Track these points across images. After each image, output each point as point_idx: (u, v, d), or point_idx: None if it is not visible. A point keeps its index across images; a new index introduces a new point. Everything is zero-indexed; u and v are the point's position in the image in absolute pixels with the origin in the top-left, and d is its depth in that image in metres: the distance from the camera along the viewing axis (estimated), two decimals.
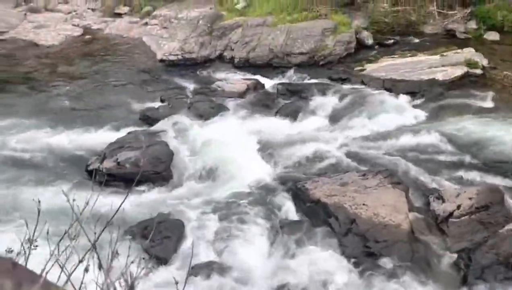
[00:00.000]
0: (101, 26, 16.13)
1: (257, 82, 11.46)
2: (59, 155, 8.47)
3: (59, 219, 3.22)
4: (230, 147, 8.40)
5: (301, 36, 12.53)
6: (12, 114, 10.03)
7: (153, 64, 13.31)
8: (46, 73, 12.57)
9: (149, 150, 8.24)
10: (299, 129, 9.25)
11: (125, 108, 10.69)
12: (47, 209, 6.24)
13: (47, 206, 6.40)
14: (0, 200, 5.52)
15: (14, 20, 16.23)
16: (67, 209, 2.32)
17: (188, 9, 15.19)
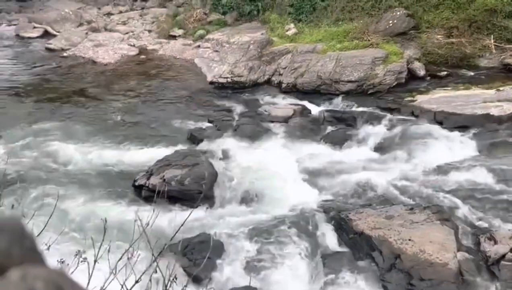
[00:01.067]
0: (156, 47, 16.76)
1: (303, 107, 11.47)
2: (109, 169, 8.78)
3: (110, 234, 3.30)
4: (274, 171, 8.40)
5: (351, 64, 12.48)
6: (68, 127, 10.54)
7: (203, 86, 13.63)
8: (101, 89, 13.15)
9: (194, 170, 8.37)
10: (345, 158, 9.13)
11: (174, 126, 10.96)
12: (97, 224, 6.45)
13: (97, 221, 6.62)
14: (49, 212, 5.72)
15: (76, 39, 17.19)
16: (118, 224, 2.38)
17: (240, 34, 15.54)
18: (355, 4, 15.05)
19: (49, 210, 3.23)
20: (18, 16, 20.56)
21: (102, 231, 2.28)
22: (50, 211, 2.84)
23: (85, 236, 1.88)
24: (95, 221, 6.14)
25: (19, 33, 18.38)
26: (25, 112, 11.43)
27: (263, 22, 16.48)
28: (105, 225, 2.01)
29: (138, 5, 21.85)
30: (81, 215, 6.87)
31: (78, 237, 5.78)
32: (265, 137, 9.91)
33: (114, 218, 6.03)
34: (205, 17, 17.98)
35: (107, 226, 2.02)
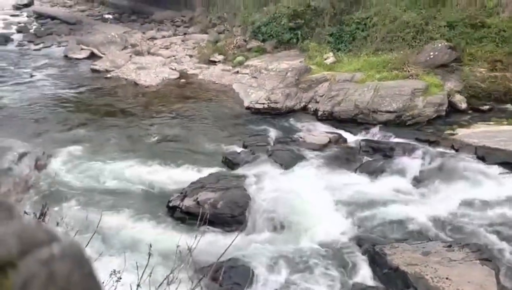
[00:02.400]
0: (196, 72, 17.16)
1: (339, 136, 11.37)
2: (145, 188, 8.93)
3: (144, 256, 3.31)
4: (307, 199, 8.30)
5: (390, 95, 12.34)
6: (107, 145, 10.86)
7: (239, 111, 13.78)
8: (141, 110, 13.52)
9: (227, 193, 8.41)
10: (381, 189, 8.92)
11: (209, 149, 11.08)
12: (132, 244, 6.53)
13: (133, 241, 6.71)
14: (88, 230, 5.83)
15: (120, 61, 17.85)
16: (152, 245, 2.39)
17: (279, 62, 15.71)
18: (396, 35, 14.98)
19: (88, 228, 3.30)
20: (67, 38, 21.60)
21: (138, 252, 2.30)
22: (88, 229, 2.90)
23: (121, 256, 1.90)
24: (130, 241, 6.24)
25: (68, 54, 19.27)
26: (68, 130, 11.86)
27: (302, 50, 16.63)
28: (150, 250, 2.03)
29: (180, 31, 22.55)
30: (117, 235, 6.98)
31: (113, 258, 5.85)
32: (300, 164, 9.84)
33: (148, 239, 6.08)
34: (245, 44, 18.33)
35: (151, 251, 2.03)
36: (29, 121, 12.30)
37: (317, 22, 17.07)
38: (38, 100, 14.00)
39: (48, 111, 13.19)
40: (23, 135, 11.28)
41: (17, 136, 11.11)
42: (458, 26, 14.29)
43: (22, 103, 13.62)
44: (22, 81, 15.72)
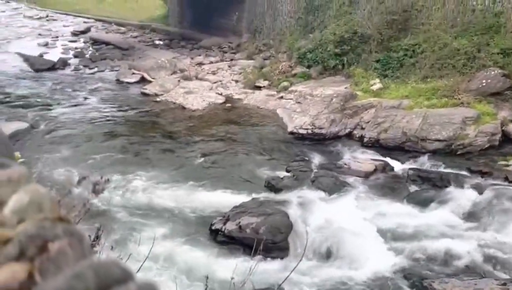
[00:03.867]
0: (241, 97, 17.42)
1: (386, 164, 11.11)
2: (189, 210, 9.05)
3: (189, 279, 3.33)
4: (351, 228, 8.10)
5: (439, 122, 11.98)
6: (154, 167, 11.13)
7: (283, 136, 13.80)
8: (188, 134, 13.82)
9: (269, 219, 8.35)
10: (429, 221, 8.58)
11: (252, 173, 11.12)
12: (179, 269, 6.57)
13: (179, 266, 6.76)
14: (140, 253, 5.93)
15: (169, 85, 18.42)
16: (196, 268, 2.39)
17: (324, 87, 15.69)
18: (446, 62, 14.63)
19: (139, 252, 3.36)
20: (120, 63, 22.60)
21: (184, 274, 2.30)
22: (139, 253, 2.95)
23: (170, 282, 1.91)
24: (176, 265, 6.29)
25: (119, 78, 20.11)
26: (119, 152, 12.28)
27: (348, 76, 16.54)
28: (206, 282, 2.04)
29: (227, 57, 23.07)
30: (164, 259, 7.05)
31: (162, 281, 5.90)
32: (344, 192, 9.67)
33: (192, 262, 6.14)
34: (290, 70, 18.46)
35: (207, 284, 2.04)
36: (83, 143, 12.84)
37: (364, 48, 16.98)
38: (91, 122, 14.64)
39: (100, 132, 13.74)
40: (78, 156, 11.77)
41: (73, 157, 11.61)
42: None
43: (77, 124, 14.28)
44: (77, 103, 16.52)
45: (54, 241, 0.56)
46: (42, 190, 0.63)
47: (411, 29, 16.28)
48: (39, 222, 0.58)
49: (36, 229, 0.57)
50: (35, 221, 0.58)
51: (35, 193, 0.62)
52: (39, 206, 0.61)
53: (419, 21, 16.24)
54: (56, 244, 0.55)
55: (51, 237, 0.56)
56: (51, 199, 0.62)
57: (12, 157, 0.80)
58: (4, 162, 0.68)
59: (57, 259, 0.54)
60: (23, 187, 0.62)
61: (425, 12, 16.17)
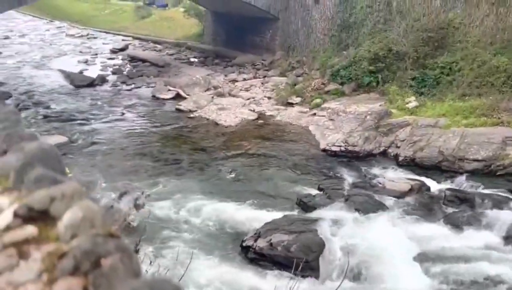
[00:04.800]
0: (273, 113, 17.49)
1: (422, 183, 10.83)
2: (219, 227, 9.07)
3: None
4: (386, 249, 7.90)
5: (478, 142, 11.62)
6: (187, 182, 11.26)
7: (315, 152, 13.71)
8: (220, 149, 13.94)
9: (301, 237, 8.26)
10: (467, 243, 8.27)
11: (284, 190, 11.06)
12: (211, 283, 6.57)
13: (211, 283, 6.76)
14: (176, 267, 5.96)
15: (203, 102, 18.72)
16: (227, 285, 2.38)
17: (357, 105, 15.56)
18: (484, 80, 14.25)
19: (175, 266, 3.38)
20: (156, 80, 23.16)
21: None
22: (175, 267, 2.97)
23: None
24: (208, 279, 6.29)
25: (155, 94, 20.59)
26: (153, 167, 12.50)
27: (382, 93, 16.35)
28: None
29: (260, 74, 23.27)
30: (197, 274, 7.06)
31: None
32: (378, 211, 9.46)
33: (223, 279, 6.12)
34: (323, 87, 18.42)
35: None
36: (119, 157, 13.16)
37: (399, 66, 16.78)
38: (128, 136, 15.02)
39: (136, 147, 14.06)
40: (114, 170, 12.07)
41: (109, 171, 11.91)
42: None
43: (114, 139, 14.68)
44: (115, 118, 16.99)
45: (107, 257, 0.58)
46: (95, 206, 0.65)
47: (448, 47, 15.99)
48: (92, 237, 0.60)
49: (90, 245, 0.59)
50: (89, 237, 0.60)
51: (88, 209, 0.64)
52: (92, 222, 0.63)
53: (456, 39, 15.94)
54: (109, 260, 0.57)
55: (104, 253, 0.58)
56: (103, 215, 0.65)
57: (64, 172, 0.83)
58: (58, 178, 0.71)
59: (109, 275, 0.55)
60: (77, 203, 0.65)
61: (463, 29, 15.87)
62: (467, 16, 15.81)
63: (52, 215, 0.65)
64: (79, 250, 0.60)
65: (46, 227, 0.64)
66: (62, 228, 0.64)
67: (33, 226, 0.63)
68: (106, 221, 0.67)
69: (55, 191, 0.68)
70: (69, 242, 0.62)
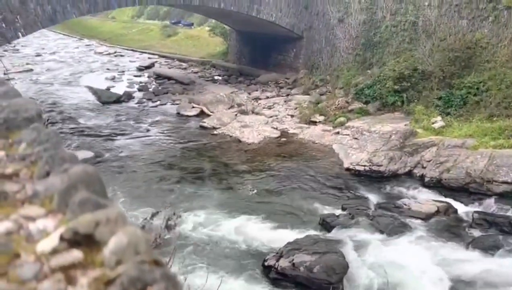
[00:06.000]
0: (296, 131, 17.47)
1: (448, 205, 10.57)
2: (242, 246, 9.01)
3: None
4: (412, 273, 7.71)
5: (507, 164, 11.31)
6: (209, 199, 11.28)
7: (338, 171, 13.58)
8: (242, 167, 13.96)
9: (324, 258, 8.13)
10: (498, 268, 8.00)
11: (306, 210, 10.96)
12: None
13: None
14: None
15: (226, 119, 18.87)
16: None
17: (382, 124, 15.41)
18: None
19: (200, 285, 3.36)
20: (180, 97, 23.50)
21: None
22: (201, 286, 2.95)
23: None
24: None
25: (180, 111, 20.88)
26: (177, 183, 12.59)
27: (407, 113, 16.16)
28: None
29: (283, 92, 23.35)
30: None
31: None
32: (404, 233, 9.27)
33: None
34: (347, 105, 18.34)
35: None
36: (144, 173, 13.31)
37: (424, 85, 16.60)
38: (152, 152, 15.21)
39: (160, 163, 14.21)
40: (140, 186, 12.20)
41: (135, 187, 12.05)
42: None
43: (139, 155, 14.88)
44: (140, 134, 17.26)
45: (153, 285, 0.57)
46: (139, 232, 0.66)
47: (475, 66, 15.75)
48: (139, 264, 0.60)
49: (137, 272, 0.59)
50: (135, 264, 0.60)
51: (133, 235, 0.65)
52: (137, 248, 0.63)
53: (483, 58, 15.70)
54: (155, 288, 0.57)
55: (151, 281, 0.58)
56: (147, 241, 0.65)
57: (106, 195, 0.84)
58: (101, 202, 0.71)
59: None
60: (121, 228, 0.65)
61: (490, 49, 15.63)
62: (495, 36, 15.57)
63: (97, 239, 0.65)
64: (126, 277, 0.60)
65: (91, 252, 0.64)
66: (107, 253, 0.64)
67: (78, 250, 0.64)
68: (151, 247, 0.67)
69: (100, 215, 0.69)
70: (115, 268, 0.62)
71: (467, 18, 16.42)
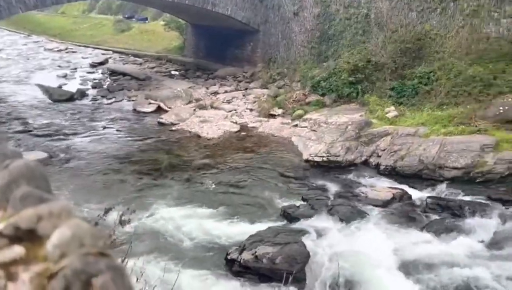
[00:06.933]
0: (256, 125, 17.53)
1: (403, 192, 10.96)
2: (204, 240, 8.98)
3: None
4: (369, 258, 7.95)
5: (457, 150, 11.84)
6: (169, 195, 11.14)
7: (298, 163, 13.76)
8: (202, 162, 13.87)
9: (286, 248, 8.24)
10: (450, 250, 8.38)
11: (267, 202, 11.04)
12: None
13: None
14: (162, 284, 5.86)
15: (185, 115, 18.66)
16: None
17: (338, 115, 15.72)
18: (461, 89, 14.57)
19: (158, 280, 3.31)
20: (136, 93, 23.01)
21: None
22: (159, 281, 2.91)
23: None
24: None
25: (136, 108, 20.45)
26: (135, 181, 12.36)
27: (362, 104, 16.57)
28: None
29: (242, 86, 23.35)
30: (182, 287, 6.98)
31: None
32: (362, 221, 9.53)
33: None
34: (304, 98, 18.58)
35: None
36: (101, 172, 12.96)
37: (378, 76, 17.06)
38: (109, 151, 14.82)
39: (118, 162, 13.88)
40: (96, 185, 11.88)
41: (91, 186, 11.72)
42: None
43: (95, 154, 14.46)
44: (95, 133, 16.78)
45: (98, 276, 0.56)
46: (84, 224, 0.64)
47: (425, 57, 16.34)
48: (83, 256, 0.59)
49: (80, 264, 0.57)
50: (79, 256, 0.59)
51: (77, 227, 0.63)
52: (81, 241, 0.62)
53: (433, 49, 16.31)
54: (100, 279, 0.56)
55: (95, 272, 0.57)
56: (93, 234, 0.63)
57: (49, 190, 0.81)
58: (44, 196, 0.69)
59: None
60: (65, 222, 0.63)
61: (439, 40, 16.25)
62: (443, 27, 16.21)
63: (39, 234, 0.63)
64: (70, 270, 0.59)
65: (34, 247, 0.62)
66: (50, 247, 0.62)
67: (20, 246, 0.62)
68: (97, 239, 0.66)
69: (42, 209, 0.67)
70: (58, 262, 0.61)
71: (416, 10, 17.00)
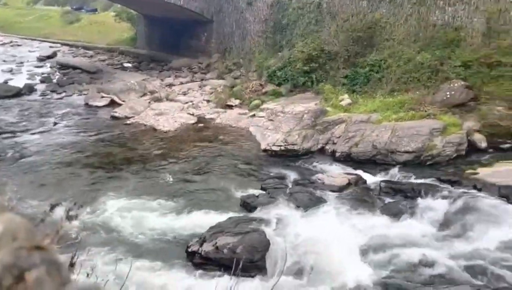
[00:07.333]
0: (213, 116, 17.44)
1: (358, 177, 11.26)
2: (164, 233, 8.89)
3: None
4: (328, 243, 8.13)
5: (408, 135, 12.29)
6: (126, 191, 10.92)
7: (256, 153, 13.83)
8: (159, 155, 13.68)
9: (246, 238, 8.29)
10: (403, 231, 8.71)
11: (227, 193, 11.05)
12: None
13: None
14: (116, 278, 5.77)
15: (139, 108, 18.28)
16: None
17: (294, 104, 15.91)
18: (411, 76, 15.10)
19: (116, 277, 3.26)
20: (88, 87, 22.29)
21: None
22: (115, 278, 2.86)
23: None
24: (153, 288, 6.14)
25: (88, 102, 19.81)
26: (89, 176, 12.02)
27: (317, 92, 16.83)
28: None
29: (197, 77, 23.11)
30: (140, 283, 6.89)
31: None
32: (319, 207, 9.73)
33: (169, 287, 5.98)
34: (261, 88, 18.65)
35: None
36: (53, 169, 12.51)
37: (331, 65, 17.37)
38: (60, 147, 14.30)
39: (70, 158, 13.43)
40: (48, 183, 11.46)
41: (43, 184, 11.30)
42: (474, 66, 14.35)
43: (46, 151, 13.91)
44: (46, 129, 16.14)
45: (31, 270, 0.55)
46: (17, 219, 0.62)
47: (376, 45, 16.78)
48: (15, 251, 0.57)
49: (11, 259, 0.56)
50: (10, 250, 0.57)
51: (10, 222, 0.61)
52: (14, 235, 0.60)
53: (383, 37, 16.77)
54: (33, 273, 0.54)
55: (28, 266, 0.55)
56: (27, 228, 0.61)
57: None
58: None
59: (34, 289, 0.53)
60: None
61: (389, 28, 16.72)
62: (392, 16, 16.68)
63: None
64: (0, 265, 0.57)
65: None
66: None
67: None
68: (32, 234, 0.64)
69: None
70: None
71: None
